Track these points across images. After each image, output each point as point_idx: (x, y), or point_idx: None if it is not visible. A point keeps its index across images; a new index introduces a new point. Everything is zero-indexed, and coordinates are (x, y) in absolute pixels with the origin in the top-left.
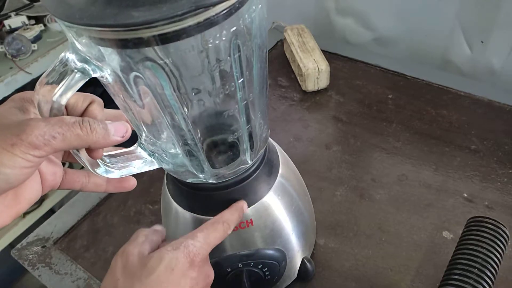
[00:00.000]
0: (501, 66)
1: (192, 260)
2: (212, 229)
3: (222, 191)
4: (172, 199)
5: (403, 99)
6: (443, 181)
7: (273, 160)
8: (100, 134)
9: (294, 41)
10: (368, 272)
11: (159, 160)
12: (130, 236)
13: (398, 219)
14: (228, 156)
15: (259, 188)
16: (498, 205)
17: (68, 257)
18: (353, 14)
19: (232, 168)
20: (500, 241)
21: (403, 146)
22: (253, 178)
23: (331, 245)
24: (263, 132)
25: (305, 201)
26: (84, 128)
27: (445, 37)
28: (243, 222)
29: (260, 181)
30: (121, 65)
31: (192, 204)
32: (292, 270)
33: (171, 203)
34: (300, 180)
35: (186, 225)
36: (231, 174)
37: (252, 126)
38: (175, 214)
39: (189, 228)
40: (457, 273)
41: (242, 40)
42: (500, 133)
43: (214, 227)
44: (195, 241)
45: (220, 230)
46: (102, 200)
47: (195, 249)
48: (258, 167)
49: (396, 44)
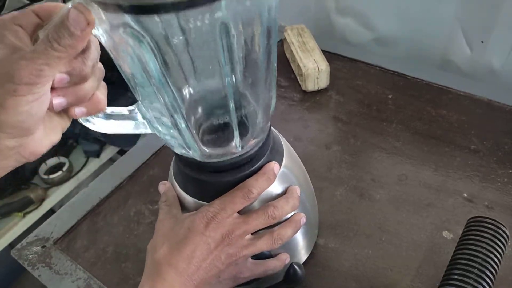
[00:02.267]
0: (501, 66)
1: (208, 222)
2: (229, 196)
3: (223, 178)
4: (177, 184)
5: (403, 99)
6: (443, 181)
7: (277, 150)
8: (69, 40)
9: (294, 41)
10: (368, 272)
11: (151, 126)
12: (130, 236)
13: (398, 219)
14: (216, 138)
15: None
16: (498, 205)
17: (68, 257)
18: (353, 14)
19: (219, 151)
20: (500, 241)
21: (403, 146)
22: (257, 167)
23: (331, 245)
24: (260, 123)
25: (309, 195)
26: (57, 47)
27: (445, 37)
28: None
29: None
30: (108, 28)
31: (196, 190)
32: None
33: (176, 187)
34: (305, 175)
35: (190, 210)
36: (220, 156)
37: (244, 114)
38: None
39: (186, 206)
40: (457, 273)
41: (233, 26)
42: (500, 133)
43: (232, 194)
44: (210, 206)
45: (238, 196)
46: (102, 200)
47: (209, 213)
48: (256, 156)
49: (396, 44)
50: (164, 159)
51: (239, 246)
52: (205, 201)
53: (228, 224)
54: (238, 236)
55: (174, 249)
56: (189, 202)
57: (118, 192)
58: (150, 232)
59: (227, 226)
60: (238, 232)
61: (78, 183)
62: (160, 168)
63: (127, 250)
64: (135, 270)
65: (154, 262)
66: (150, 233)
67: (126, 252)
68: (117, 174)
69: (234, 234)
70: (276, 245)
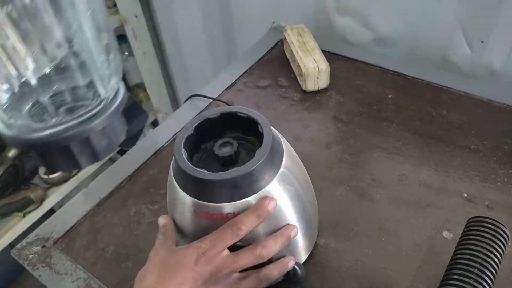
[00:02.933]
0: (501, 66)
1: (198, 257)
2: (220, 232)
3: (225, 178)
4: (176, 182)
5: (403, 99)
6: (443, 181)
7: (278, 150)
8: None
9: (294, 41)
10: (368, 272)
11: None
12: (130, 236)
13: (398, 219)
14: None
15: (262, 176)
16: (498, 205)
17: (68, 257)
18: (353, 14)
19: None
20: (500, 241)
21: (403, 146)
22: (257, 167)
23: (331, 245)
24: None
25: (309, 195)
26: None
27: (445, 37)
28: (230, 214)
29: (259, 174)
30: None
31: (194, 189)
32: None
33: (172, 181)
34: (305, 175)
35: (187, 207)
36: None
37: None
38: (178, 198)
39: (189, 211)
40: (457, 273)
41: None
42: (500, 133)
43: (222, 230)
44: (202, 242)
45: (227, 233)
46: (102, 200)
47: (200, 249)
48: (254, 154)
49: (396, 44)
50: (164, 159)
51: (225, 284)
52: (204, 200)
53: (217, 261)
54: (225, 275)
55: (162, 279)
56: (188, 202)
57: (118, 192)
58: (150, 232)
59: (215, 263)
60: (226, 271)
61: (78, 183)
62: (160, 168)
63: (127, 250)
64: (135, 270)
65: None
66: (150, 233)
67: (126, 252)
68: (117, 174)
69: (222, 273)
70: (262, 285)
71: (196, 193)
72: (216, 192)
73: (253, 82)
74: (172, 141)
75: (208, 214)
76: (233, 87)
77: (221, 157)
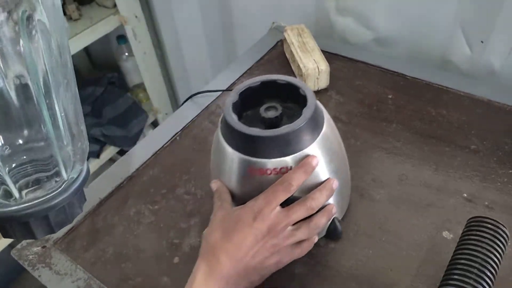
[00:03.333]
0: (501, 66)
1: (255, 216)
2: (271, 190)
3: (279, 133)
4: (221, 134)
5: (403, 99)
6: (443, 181)
7: (319, 118)
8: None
9: (294, 41)
10: (368, 272)
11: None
12: (130, 236)
13: (398, 219)
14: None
15: (303, 139)
16: (498, 205)
17: (68, 257)
18: (353, 14)
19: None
20: (500, 241)
21: (403, 146)
22: (298, 129)
23: (331, 245)
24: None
25: (343, 163)
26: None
27: (445, 37)
28: (284, 168)
29: (305, 133)
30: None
31: (249, 148)
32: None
33: (220, 138)
34: (340, 142)
35: (229, 159)
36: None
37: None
38: (222, 148)
39: (231, 162)
40: (457, 273)
41: None
42: (500, 133)
43: (274, 188)
44: (256, 201)
45: (278, 190)
46: (102, 200)
47: (255, 207)
48: (298, 115)
49: (396, 44)
50: (164, 159)
51: (281, 237)
52: (245, 154)
53: (272, 217)
54: (281, 228)
55: (226, 236)
56: (241, 161)
57: (118, 192)
58: (150, 232)
59: (271, 219)
60: (282, 225)
61: None
62: (160, 168)
63: (127, 250)
64: (135, 270)
65: (208, 245)
66: (150, 233)
67: (126, 252)
68: (117, 174)
69: (278, 227)
70: (314, 233)
71: (250, 151)
72: (270, 148)
73: None
74: (172, 141)
75: (262, 170)
76: (233, 87)
77: (267, 119)
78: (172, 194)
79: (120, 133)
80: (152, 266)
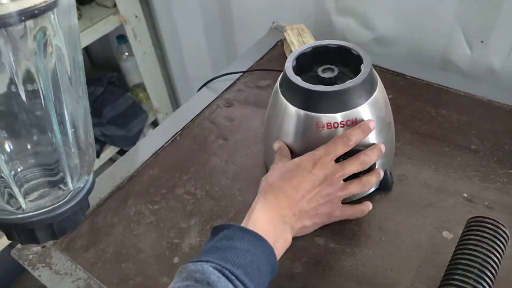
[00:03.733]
0: (501, 66)
1: (314, 162)
2: (332, 143)
3: (325, 89)
4: (282, 96)
5: (403, 99)
6: (443, 181)
7: (373, 82)
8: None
9: (294, 41)
10: (368, 272)
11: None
12: (130, 236)
13: (398, 219)
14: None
15: (357, 97)
16: (498, 205)
17: (68, 257)
18: (353, 14)
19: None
20: (500, 241)
21: (403, 146)
22: (353, 88)
23: (331, 245)
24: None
25: (390, 126)
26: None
27: (445, 37)
28: (349, 120)
29: (359, 93)
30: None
31: (299, 100)
32: None
33: (281, 100)
34: (388, 105)
35: (291, 117)
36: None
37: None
38: (284, 109)
39: (293, 120)
40: (457, 273)
41: None
42: (500, 133)
43: (334, 141)
44: (317, 150)
45: (338, 143)
46: (102, 200)
47: (315, 156)
48: (356, 75)
49: (396, 44)
50: (164, 159)
51: (336, 188)
52: (308, 110)
53: (330, 167)
54: (337, 178)
55: (285, 178)
56: (292, 112)
57: (118, 192)
58: (150, 232)
59: (329, 169)
60: (338, 175)
61: None
62: (160, 168)
63: (127, 250)
64: (135, 270)
65: (267, 185)
66: (150, 233)
67: (126, 252)
68: (117, 174)
69: (334, 177)
70: (365, 189)
71: (318, 107)
72: (333, 102)
73: (253, 82)
74: (172, 141)
75: (329, 124)
76: (233, 87)
77: (327, 79)
78: (172, 194)
79: (120, 133)
80: (152, 266)
